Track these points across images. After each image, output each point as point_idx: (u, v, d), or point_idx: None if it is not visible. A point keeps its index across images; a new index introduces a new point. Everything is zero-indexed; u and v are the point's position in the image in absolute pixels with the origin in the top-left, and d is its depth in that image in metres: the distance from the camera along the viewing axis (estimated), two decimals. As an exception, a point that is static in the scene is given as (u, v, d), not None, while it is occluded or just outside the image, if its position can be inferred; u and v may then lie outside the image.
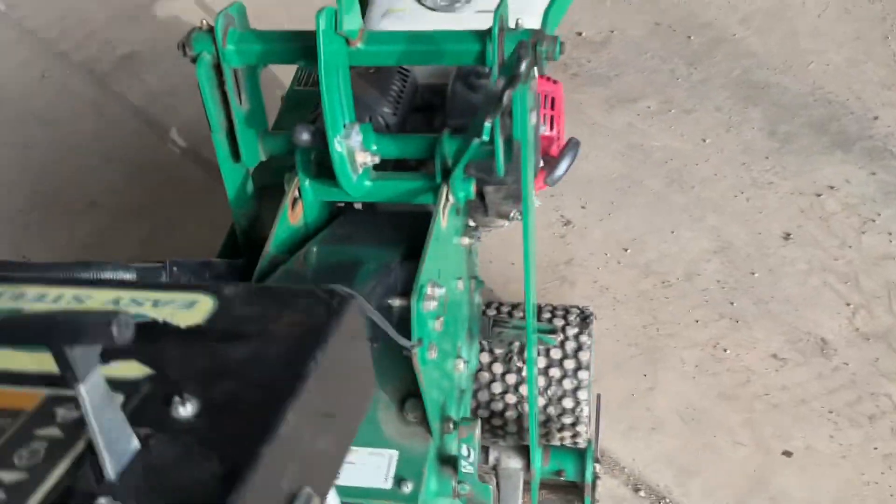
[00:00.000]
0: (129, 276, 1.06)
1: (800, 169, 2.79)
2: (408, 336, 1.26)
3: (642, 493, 2.13)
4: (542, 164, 1.72)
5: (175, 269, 1.18)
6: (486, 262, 2.59)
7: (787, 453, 2.11)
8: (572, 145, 1.79)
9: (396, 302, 1.30)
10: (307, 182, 1.48)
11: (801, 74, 3.13)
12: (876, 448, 2.09)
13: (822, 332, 2.33)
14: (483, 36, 1.33)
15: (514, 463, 1.74)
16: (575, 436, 1.94)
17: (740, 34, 3.36)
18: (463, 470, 1.48)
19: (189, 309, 0.61)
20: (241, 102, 1.43)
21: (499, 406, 1.94)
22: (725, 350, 2.33)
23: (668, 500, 2.11)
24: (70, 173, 3.19)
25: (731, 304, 2.44)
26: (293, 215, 1.48)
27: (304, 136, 1.37)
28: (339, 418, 0.62)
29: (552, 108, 1.90)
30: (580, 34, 3.42)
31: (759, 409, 2.19)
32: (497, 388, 1.94)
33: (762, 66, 3.21)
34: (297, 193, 1.48)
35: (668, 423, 2.19)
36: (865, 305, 2.38)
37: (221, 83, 1.39)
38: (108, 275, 1.01)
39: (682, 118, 3.04)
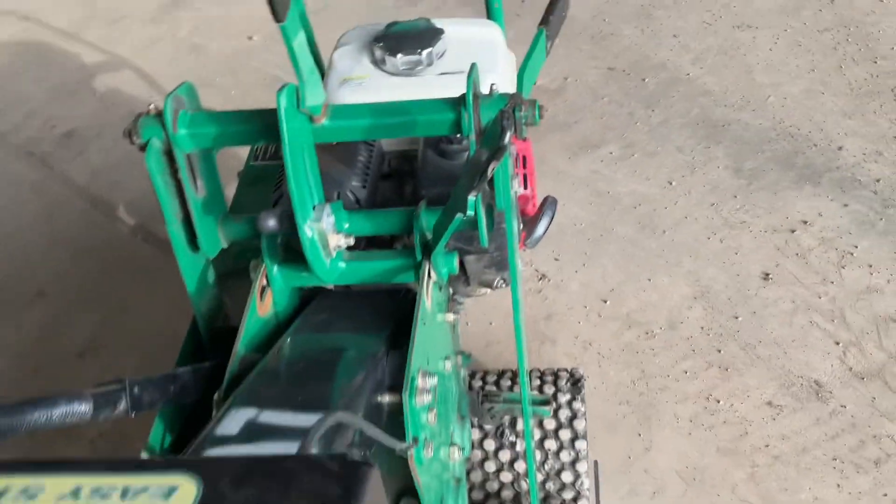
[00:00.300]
0: (84, 407, 0.92)
1: (771, 206, 2.74)
2: (401, 435, 1.15)
3: (649, 563, 2.01)
4: (521, 225, 1.63)
5: (136, 389, 1.05)
6: (463, 324, 2.48)
7: (796, 507, 2.01)
8: (549, 204, 1.71)
9: (387, 398, 1.19)
10: (275, 269, 1.36)
11: (760, 109, 3.11)
12: (886, 494, 2.00)
13: (815, 374, 2.25)
14: (457, 104, 1.23)
15: (516, 550, 1.62)
16: (576, 511, 1.82)
17: (694, 73, 3.34)
18: (468, 572, 1.36)
19: (167, 500, 0.48)
20: (196, 189, 1.31)
21: (494, 486, 1.81)
22: (718, 401, 2.23)
23: (676, 568, 1.99)
24: (14, 261, 3.02)
25: (719, 351, 2.35)
26: (262, 307, 1.35)
27: (271, 223, 1.26)
28: None
29: (524, 166, 1.83)
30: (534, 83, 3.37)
31: (761, 462, 2.09)
32: (491, 466, 1.82)
33: (720, 103, 3.18)
34: (264, 282, 1.36)
35: (670, 485, 2.07)
36: (855, 343, 2.31)
37: (174, 170, 1.27)
38: (60, 410, 0.88)
39: (645, 162, 2.99)
